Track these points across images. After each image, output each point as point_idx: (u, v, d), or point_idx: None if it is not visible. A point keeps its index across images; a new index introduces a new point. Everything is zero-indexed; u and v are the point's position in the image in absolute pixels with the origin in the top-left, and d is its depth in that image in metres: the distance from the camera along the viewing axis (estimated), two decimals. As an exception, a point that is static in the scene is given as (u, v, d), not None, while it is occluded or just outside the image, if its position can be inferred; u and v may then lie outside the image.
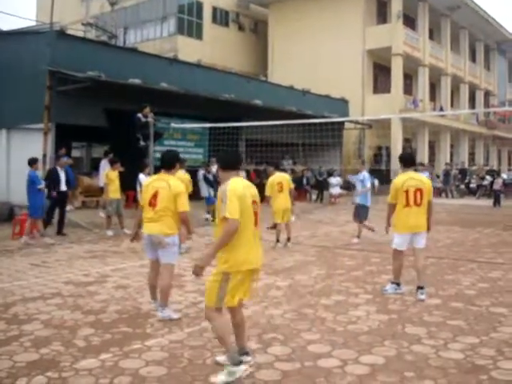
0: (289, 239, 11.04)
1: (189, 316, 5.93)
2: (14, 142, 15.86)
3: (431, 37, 34.22)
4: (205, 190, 15.50)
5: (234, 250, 4.10)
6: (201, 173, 15.80)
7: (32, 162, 11.33)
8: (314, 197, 23.56)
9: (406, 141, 32.42)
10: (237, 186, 4.17)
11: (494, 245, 11.39)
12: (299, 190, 23.20)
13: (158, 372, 4.35)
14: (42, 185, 11.34)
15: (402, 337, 5.20)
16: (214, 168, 14.53)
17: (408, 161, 7.09)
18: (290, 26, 32.04)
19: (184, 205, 5.79)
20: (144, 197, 5.92)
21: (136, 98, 14.95)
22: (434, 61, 32.99)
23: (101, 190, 14.46)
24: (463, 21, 35.78)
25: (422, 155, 31.36)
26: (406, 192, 6.76)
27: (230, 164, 4.41)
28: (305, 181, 23.32)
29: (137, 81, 15.60)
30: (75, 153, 23.03)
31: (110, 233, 12.46)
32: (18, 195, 13.75)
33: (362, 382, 4.15)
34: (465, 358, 4.64)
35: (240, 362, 4.12)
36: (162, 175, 5.94)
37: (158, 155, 18.14)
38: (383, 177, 29.46)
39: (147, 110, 13.77)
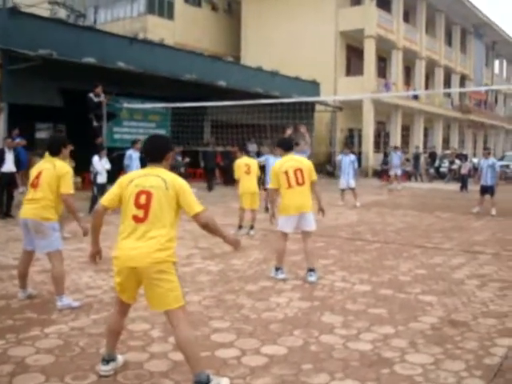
0: (252, 227, 10.39)
1: (103, 302, 5.71)
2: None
3: (406, 19, 34.02)
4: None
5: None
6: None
7: None
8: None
9: (380, 124, 32.35)
10: None
11: (446, 229, 11.27)
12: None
13: (44, 360, 4.14)
14: None
15: (315, 326, 5.02)
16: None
17: (286, 145, 7.08)
18: (264, 6, 31.66)
19: (68, 186, 5.44)
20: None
21: (93, 78, 14.60)
22: (408, 44, 32.84)
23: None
24: (440, 3, 35.64)
25: (395, 138, 31.31)
26: (286, 173, 6.71)
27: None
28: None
29: (91, 60, 15.20)
30: (40, 134, 22.54)
31: None
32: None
33: (254, 373, 3.96)
34: (372, 349, 4.45)
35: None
36: (48, 158, 5.67)
37: (117, 136, 18.25)
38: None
39: (99, 89, 13.45)
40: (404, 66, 33.67)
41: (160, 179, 3.72)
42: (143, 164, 4.11)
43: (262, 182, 12.41)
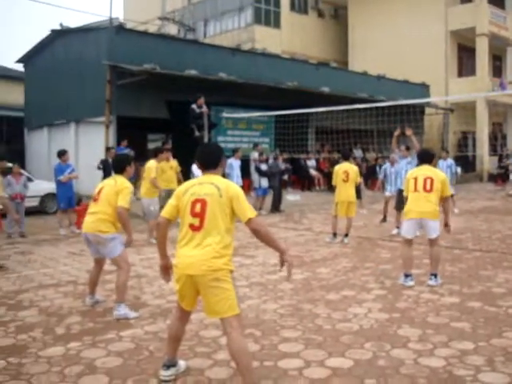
0: (346, 235, 10.08)
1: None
2: (81, 135, 16.57)
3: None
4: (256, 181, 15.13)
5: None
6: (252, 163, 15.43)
7: (60, 154, 11.48)
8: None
9: (496, 125, 30.51)
10: None
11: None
12: (372, 179, 22.49)
13: (112, 363, 4.31)
14: (62, 176, 11.32)
15: (389, 339, 4.79)
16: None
17: (423, 157, 7.26)
18: (370, 10, 31.03)
19: (124, 201, 5.55)
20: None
21: (196, 89, 15.06)
22: (525, 40, 30.66)
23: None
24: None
25: (512, 140, 29.44)
26: (415, 179, 6.87)
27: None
28: (378, 169, 22.48)
29: (193, 72, 15.70)
30: (152, 145, 23.72)
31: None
32: (86, 186, 14.31)
33: (312, 386, 3.85)
34: (445, 366, 4.16)
35: None
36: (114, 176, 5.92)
37: (222, 145, 18.64)
38: (469, 163, 28.00)
39: (201, 100, 13.82)
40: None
41: (213, 186, 3.73)
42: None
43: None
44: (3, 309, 5.88)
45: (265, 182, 14.54)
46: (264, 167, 14.82)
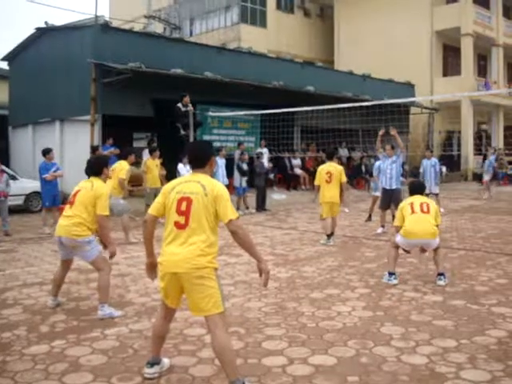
0: (332, 234, 9.93)
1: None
2: (66, 134, 16.46)
3: (507, 15, 32.10)
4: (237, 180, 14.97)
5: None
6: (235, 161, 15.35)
7: (45, 153, 11.41)
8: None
9: (481, 124, 30.80)
10: None
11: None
12: (358, 179, 22.65)
13: (97, 361, 4.31)
14: (47, 174, 11.28)
15: (372, 337, 4.83)
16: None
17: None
18: (356, 9, 31.22)
19: (103, 207, 5.49)
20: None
21: (182, 88, 15.04)
22: (509, 40, 30.96)
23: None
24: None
25: (497, 140, 29.68)
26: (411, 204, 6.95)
27: None
28: (363, 169, 22.64)
29: (179, 70, 15.66)
30: (138, 143, 23.65)
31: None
32: (71, 184, 14.15)
33: (296, 383, 3.88)
34: (427, 363, 4.20)
35: None
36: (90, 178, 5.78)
37: (208, 144, 18.66)
38: (453, 163, 28.24)
39: (186, 99, 13.83)
40: (507, 63, 31.78)
41: (199, 185, 3.74)
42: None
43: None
44: (-13, 307, 5.86)
45: (244, 182, 14.44)
46: (245, 166, 14.75)
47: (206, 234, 3.69)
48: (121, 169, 10.35)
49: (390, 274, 6.87)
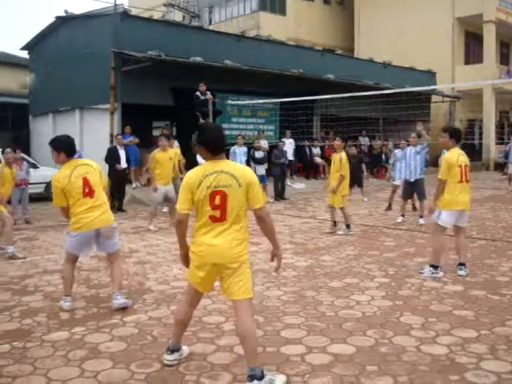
0: (335, 223, 9.88)
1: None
2: (85, 122, 16.56)
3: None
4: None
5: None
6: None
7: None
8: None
9: (503, 113, 30.32)
10: None
11: None
12: (378, 167, 22.45)
13: (116, 347, 4.34)
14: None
15: (391, 326, 4.79)
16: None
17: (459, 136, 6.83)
18: (377, -4, 30.77)
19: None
20: (74, 190, 5.27)
21: (201, 76, 15.02)
22: (533, 27, 30.36)
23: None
24: None
25: (520, 129, 29.25)
26: (460, 167, 6.53)
27: None
28: (384, 157, 22.41)
29: (198, 59, 15.62)
30: (157, 132, 23.74)
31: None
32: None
33: (314, 372, 3.86)
34: (447, 354, 4.16)
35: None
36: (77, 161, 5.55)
37: (227, 132, 18.62)
38: (475, 152, 27.85)
39: (203, 86, 13.77)
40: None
41: (230, 176, 3.63)
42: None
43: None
44: (8, 294, 5.93)
45: (260, 170, 14.27)
46: (258, 154, 14.60)
47: (241, 222, 3.70)
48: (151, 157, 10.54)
49: (436, 267, 6.59)
